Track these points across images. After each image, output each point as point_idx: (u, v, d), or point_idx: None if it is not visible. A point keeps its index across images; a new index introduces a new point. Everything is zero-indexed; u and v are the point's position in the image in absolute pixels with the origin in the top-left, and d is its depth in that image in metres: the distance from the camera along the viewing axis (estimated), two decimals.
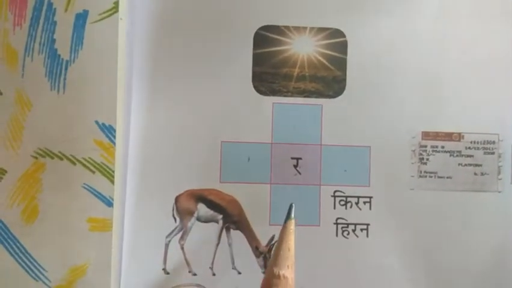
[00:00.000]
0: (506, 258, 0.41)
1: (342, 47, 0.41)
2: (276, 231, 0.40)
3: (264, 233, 0.40)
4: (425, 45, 0.41)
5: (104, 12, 0.40)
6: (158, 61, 0.40)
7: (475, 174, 0.41)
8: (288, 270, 0.32)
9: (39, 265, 0.41)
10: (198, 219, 0.40)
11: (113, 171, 0.40)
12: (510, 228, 0.41)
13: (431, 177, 0.41)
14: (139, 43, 0.40)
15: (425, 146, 0.41)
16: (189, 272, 0.40)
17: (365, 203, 0.41)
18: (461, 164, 0.41)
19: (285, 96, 0.40)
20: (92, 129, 0.40)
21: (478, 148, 0.41)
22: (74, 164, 0.41)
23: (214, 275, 0.40)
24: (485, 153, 0.41)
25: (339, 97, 0.41)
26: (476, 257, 0.41)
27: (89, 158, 0.41)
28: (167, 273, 0.40)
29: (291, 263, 0.32)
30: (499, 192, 0.41)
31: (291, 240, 0.32)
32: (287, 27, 0.40)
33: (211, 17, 0.40)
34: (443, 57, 0.41)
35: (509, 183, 0.41)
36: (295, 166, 0.40)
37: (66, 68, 0.40)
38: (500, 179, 0.41)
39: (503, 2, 0.41)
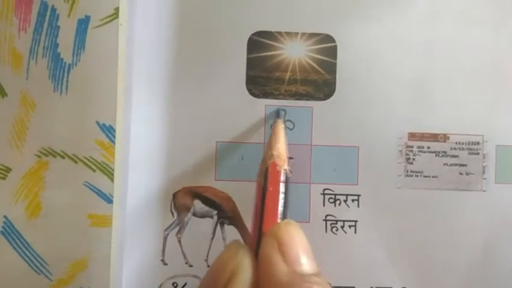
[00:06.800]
0: (490, 255, 0.41)
1: (332, 52, 0.41)
2: None
3: None
4: (412, 49, 0.41)
5: (105, 18, 0.41)
6: (157, 65, 0.40)
7: (460, 173, 0.42)
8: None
9: (42, 259, 0.41)
10: (194, 214, 0.41)
11: (113, 170, 0.41)
12: (494, 226, 0.41)
13: (417, 176, 0.41)
14: (139, 47, 0.40)
15: (412, 147, 0.41)
16: (185, 263, 0.41)
17: (353, 200, 0.41)
18: (447, 164, 0.41)
19: (277, 98, 0.41)
20: (93, 130, 0.41)
21: (463, 149, 0.42)
22: (76, 162, 0.41)
23: (208, 266, 0.41)
24: (470, 153, 0.42)
25: (329, 99, 0.41)
26: (461, 253, 0.41)
27: (90, 157, 0.41)
28: (166, 264, 0.41)
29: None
30: (484, 191, 0.42)
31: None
32: (279, 33, 0.41)
33: (207, 23, 0.41)
34: (430, 61, 0.41)
35: (493, 183, 0.42)
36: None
37: (68, 71, 0.41)
38: (484, 179, 0.42)
39: (490, 7, 0.42)
